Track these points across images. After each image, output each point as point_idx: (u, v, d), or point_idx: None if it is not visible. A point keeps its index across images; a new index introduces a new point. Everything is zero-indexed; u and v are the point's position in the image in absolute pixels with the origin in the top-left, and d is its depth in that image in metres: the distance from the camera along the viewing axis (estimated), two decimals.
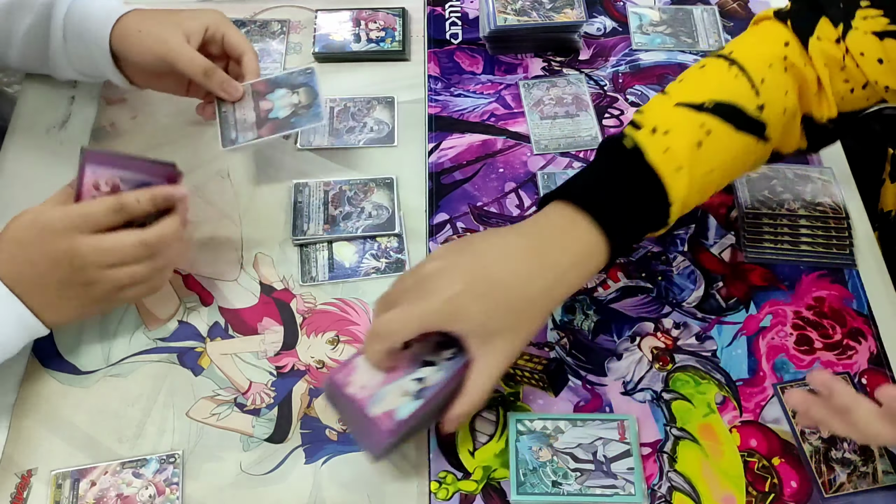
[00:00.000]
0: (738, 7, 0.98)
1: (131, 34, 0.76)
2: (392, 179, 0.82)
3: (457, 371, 0.61)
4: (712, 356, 0.72)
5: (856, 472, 0.65)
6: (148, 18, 0.77)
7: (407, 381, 0.61)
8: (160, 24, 0.76)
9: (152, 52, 0.75)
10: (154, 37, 0.75)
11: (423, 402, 0.60)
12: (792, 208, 0.78)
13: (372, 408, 0.59)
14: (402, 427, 0.59)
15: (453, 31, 0.96)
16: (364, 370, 0.61)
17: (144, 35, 0.76)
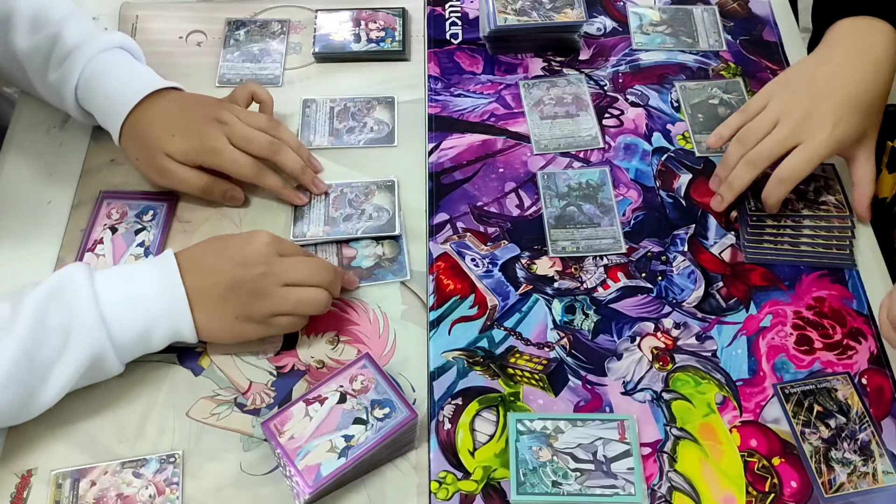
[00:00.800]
0: (738, 7, 0.98)
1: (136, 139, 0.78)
2: (393, 182, 0.82)
3: (388, 433, 0.63)
4: (712, 356, 0.72)
5: (856, 472, 0.65)
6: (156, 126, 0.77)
7: (336, 437, 0.63)
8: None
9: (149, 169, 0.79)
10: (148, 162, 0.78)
11: (347, 461, 0.62)
12: (795, 208, 0.78)
13: (298, 460, 0.62)
14: (322, 483, 0.61)
15: (453, 31, 0.96)
16: (297, 420, 0.64)
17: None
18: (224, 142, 0.76)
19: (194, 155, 0.76)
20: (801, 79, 0.78)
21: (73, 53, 0.78)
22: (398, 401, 0.65)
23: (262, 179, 0.78)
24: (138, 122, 0.77)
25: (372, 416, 0.64)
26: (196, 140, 0.76)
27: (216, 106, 0.79)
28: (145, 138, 0.77)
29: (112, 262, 0.76)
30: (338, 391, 0.65)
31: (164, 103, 0.78)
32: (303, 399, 0.65)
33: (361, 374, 0.66)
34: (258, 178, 0.78)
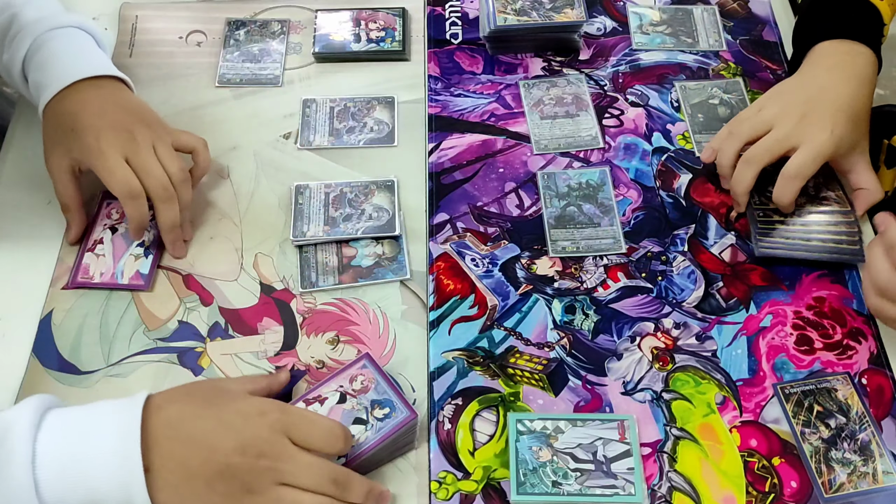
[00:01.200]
0: (738, 7, 0.98)
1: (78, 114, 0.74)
2: (393, 182, 0.82)
3: (388, 433, 0.63)
4: (712, 356, 0.72)
5: (856, 472, 0.65)
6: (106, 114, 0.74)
7: None
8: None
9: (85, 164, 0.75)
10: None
11: (346, 461, 0.62)
12: (799, 202, 0.78)
13: None
14: None
15: (453, 31, 0.96)
16: None
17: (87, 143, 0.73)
18: (115, 152, 0.72)
19: (81, 155, 0.73)
20: (791, 90, 0.79)
21: (24, 29, 0.77)
22: (398, 401, 0.65)
23: (130, 205, 0.73)
24: (55, 111, 0.75)
25: (372, 416, 0.64)
26: (92, 138, 0.72)
27: (142, 120, 0.75)
28: (54, 129, 0.75)
29: (112, 262, 0.76)
30: (338, 391, 0.65)
31: (89, 95, 0.75)
32: (303, 399, 0.65)
33: (361, 374, 0.66)
34: (127, 201, 0.73)
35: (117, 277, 0.76)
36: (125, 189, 0.72)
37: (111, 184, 0.72)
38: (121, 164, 0.72)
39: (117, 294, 0.75)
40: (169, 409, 0.57)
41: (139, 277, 0.76)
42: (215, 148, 0.85)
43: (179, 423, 0.56)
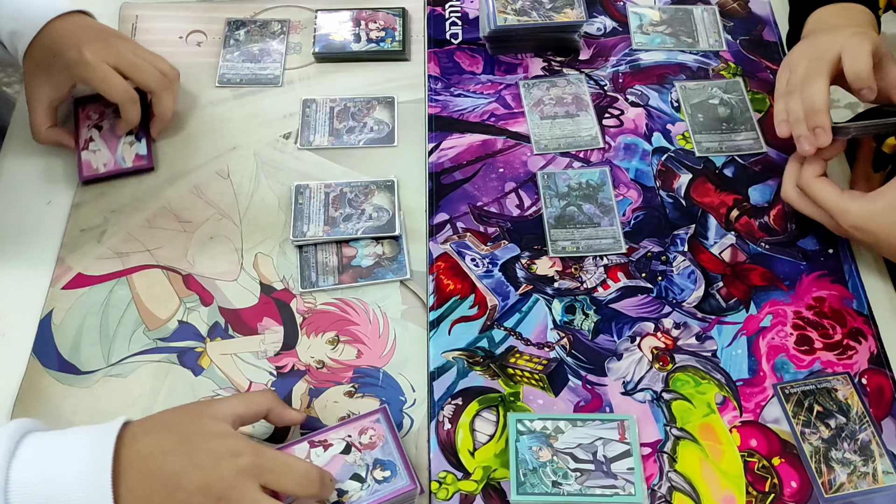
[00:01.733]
0: (738, 7, 0.98)
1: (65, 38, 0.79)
2: (393, 182, 0.82)
3: (382, 498, 0.61)
4: (712, 356, 0.72)
5: (856, 472, 0.65)
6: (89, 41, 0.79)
7: None
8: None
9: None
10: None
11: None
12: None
13: (287, 502, 0.60)
14: None
15: (453, 31, 0.96)
16: None
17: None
18: (101, 60, 0.77)
19: (66, 71, 0.78)
20: (806, 46, 0.78)
21: None
22: (402, 467, 0.63)
23: (129, 109, 0.79)
24: (33, 51, 0.79)
25: (371, 475, 0.63)
26: (74, 53, 0.77)
27: (116, 35, 0.81)
28: (35, 64, 0.79)
29: (109, 153, 0.82)
30: (344, 440, 0.64)
31: (61, 27, 0.79)
32: (308, 440, 0.64)
33: (373, 428, 0.65)
34: (127, 105, 0.79)
35: (120, 163, 0.82)
36: (124, 95, 0.78)
37: (109, 91, 0.78)
38: (112, 72, 0.77)
39: (117, 294, 0.75)
40: (143, 441, 0.56)
41: (141, 159, 0.82)
42: (215, 148, 0.85)
43: (150, 457, 0.56)
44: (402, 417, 0.69)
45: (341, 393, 0.70)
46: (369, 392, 0.70)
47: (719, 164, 0.84)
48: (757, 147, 0.85)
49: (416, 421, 0.69)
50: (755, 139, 0.85)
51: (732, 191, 0.82)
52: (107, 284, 0.76)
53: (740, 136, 0.86)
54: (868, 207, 0.71)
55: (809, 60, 0.75)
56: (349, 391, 0.70)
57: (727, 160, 0.84)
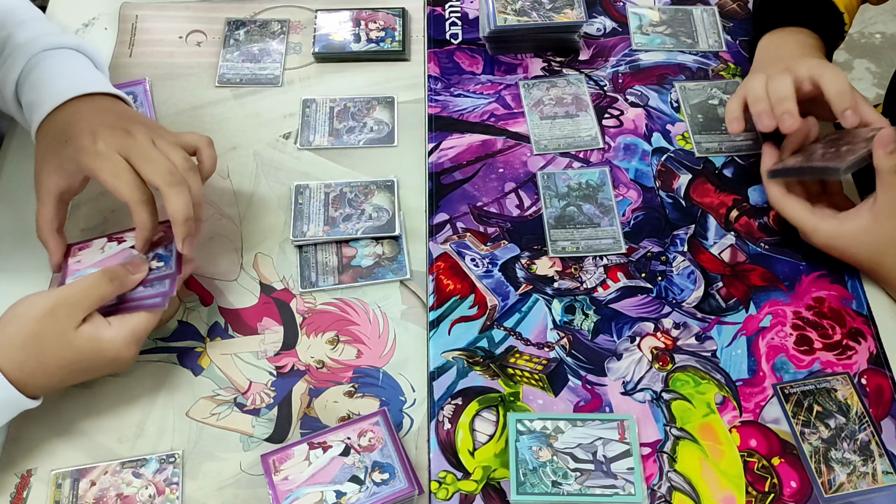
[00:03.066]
0: (737, 7, 0.98)
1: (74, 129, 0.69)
2: (393, 182, 0.82)
3: (380, 500, 0.62)
4: (712, 356, 0.72)
5: (856, 472, 0.65)
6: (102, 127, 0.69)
7: (329, 490, 0.62)
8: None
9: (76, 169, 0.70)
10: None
11: None
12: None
13: (284, 503, 0.61)
14: None
15: (453, 31, 0.96)
16: (296, 462, 0.63)
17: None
18: (114, 152, 0.67)
19: (76, 160, 0.67)
20: (764, 62, 0.82)
21: (17, 50, 0.75)
22: (400, 469, 0.63)
23: (138, 210, 0.67)
24: (48, 128, 0.71)
25: (370, 477, 0.63)
26: (87, 140, 0.67)
27: (139, 121, 0.71)
28: (48, 144, 0.70)
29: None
30: (343, 442, 0.65)
31: (82, 108, 0.71)
32: (307, 441, 0.65)
33: (372, 430, 0.65)
34: (135, 205, 0.67)
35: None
36: (135, 192, 0.66)
37: (116, 187, 0.66)
38: (124, 167, 0.66)
39: None
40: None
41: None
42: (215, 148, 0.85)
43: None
44: (402, 417, 0.69)
45: (341, 393, 0.70)
46: (369, 392, 0.70)
47: (719, 165, 0.84)
48: (757, 147, 0.85)
49: (416, 421, 0.69)
50: (755, 139, 0.85)
51: (732, 191, 0.82)
52: None
53: (740, 137, 0.85)
54: (839, 228, 0.72)
55: (769, 75, 0.75)
56: (349, 391, 0.70)
57: (727, 160, 0.84)
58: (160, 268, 0.69)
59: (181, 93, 0.89)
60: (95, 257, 0.71)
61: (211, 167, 0.73)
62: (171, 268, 0.69)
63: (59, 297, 0.64)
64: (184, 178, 0.67)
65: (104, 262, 0.71)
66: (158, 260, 0.70)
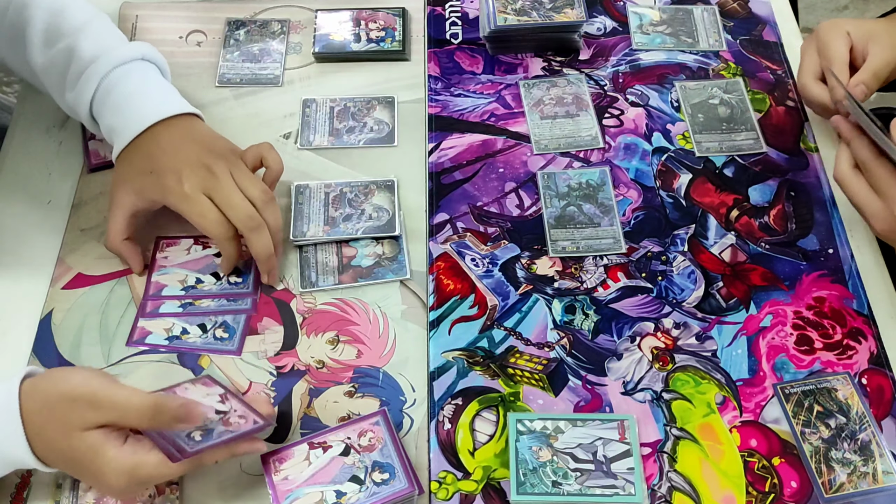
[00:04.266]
0: (738, 7, 0.98)
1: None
2: (393, 182, 0.82)
3: (380, 500, 0.61)
4: (712, 356, 0.72)
5: (856, 472, 0.65)
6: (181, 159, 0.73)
7: (328, 490, 0.62)
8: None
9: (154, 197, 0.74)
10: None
11: None
12: None
13: (284, 503, 0.61)
14: None
15: (453, 31, 0.96)
16: (296, 462, 0.63)
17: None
18: (199, 193, 0.72)
19: (161, 196, 0.73)
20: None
21: (88, 69, 0.75)
22: (400, 469, 0.63)
23: (226, 246, 0.73)
24: (130, 154, 0.74)
25: (370, 477, 0.63)
26: (172, 180, 0.72)
27: (215, 154, 0.74)
28: (129, 169, 0.74)
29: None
30: (343, 442, 0.65)
31: (164, 135, 0.74)
32: (307, 441, 0.65)
33: (372, 430, 0.65)
34: (222, 242, 0.73)
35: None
36: (220, 231, 0.72)
37: (205, 227, 0.72)
38: (209, 206, 0.71)
39: (117, 294, 0.75)
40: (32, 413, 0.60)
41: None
42: None
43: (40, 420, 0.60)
44: (402, 417, 0.69)
45: (341, 393, 0.70)
46: (369, 392, 0.70)
47: (719, 164, 0.84)
48: (757, 147, 0.85)
49: (416, 421, 0.69)
50: (755, 139, 0.85)
51: (732, 191, 0.82)
52: (107, 284, 0.76)
53: (740, 136, 0.86)
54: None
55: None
56: (349, 391, 0.70)
57: (727, 160, 0.84)
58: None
59: (181, 93, 0.89)
60: (181, 257, 0.77)
61: (279, 169, 0.78)
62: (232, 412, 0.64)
63: (89, 390, 0.59)
64: (261, 221, 0.72)
65: (187, 264, 0.76)
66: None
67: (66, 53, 0.76)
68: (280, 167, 0.78)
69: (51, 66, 0.77)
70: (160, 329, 0.73)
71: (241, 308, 0.74)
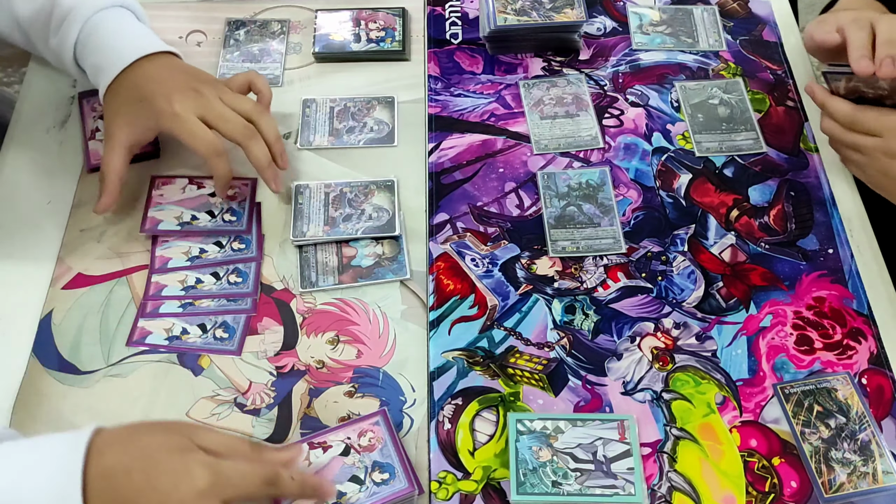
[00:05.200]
0: (738, 7, 0.98)
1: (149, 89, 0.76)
2: (393, 182, 0.82)
3: (380, 500, 0.61)
4: (712, 356, 0.72)
5: (856, 472, 0.65)
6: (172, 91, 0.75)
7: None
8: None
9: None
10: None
11: None
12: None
13: (285, 503, 0.61)
14: None
15: (453, 31, 0.96)
16: (296, 461, 0.62)
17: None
18: (190, 113, 0.74)
19: (153, 121, 0.75)
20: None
21: (70, 14, 0.78)
22: (400, 469, 0.63)
23: (215, 163, 0.75)
24: (117, 88, 0.77)
25: (370, 477, 0.63)
26: (163, 103, 0.74)
27: (202, 80, 0.78)
28: (118, 102, 0.76)
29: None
30: (343, 442, 0.65)
31: (149, 69, 0.77)
32: (307, 440, 0.65)
33: (372, 430, 0.65)
34: (212, 159, 0.75)
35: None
36: (210, 148, 0.74)
37: (195, 145, 0.74)
38: (200, 125, 0.74)
39: (117, 294, 0.75)
40: (107, 456, 0.54)
41: (147, 146, 0.81)
42: None
43: (112, 476, 0.53)
44: (402, 417, 0.69)
45: (341, 393, 0.70)
46: (369, 392, 0.70)
47: (719, 164, 0.84)
48: (757, 147, 0.85)
49: (416, 421, 0.69)
50: (755, 139, 0.85)
51: (732, 191, 0.82)
52: (107, 284, 0.76)
53: (740, 136, 0.86)
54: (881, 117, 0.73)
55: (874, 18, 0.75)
56: (349, 391, 0.70)
57: (727, 160, 0.84)
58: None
59: None
60: (176, 195, 0.80)
61: (269, 94, 0.81)
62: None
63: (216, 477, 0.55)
64: (255, 130, 0.76)
65: (183, 202, 0.79)
66: (237, 275, 0.75)
67: (50, 2, 0.79)
68: (270, 92, 0.81)
69: (35, 15, 0.80)
70: (160, 329, 0.73)
71: (241, 308, 0.74)
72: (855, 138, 0.76)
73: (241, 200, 0.80)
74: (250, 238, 0.78)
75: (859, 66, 0.72)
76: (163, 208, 0.79)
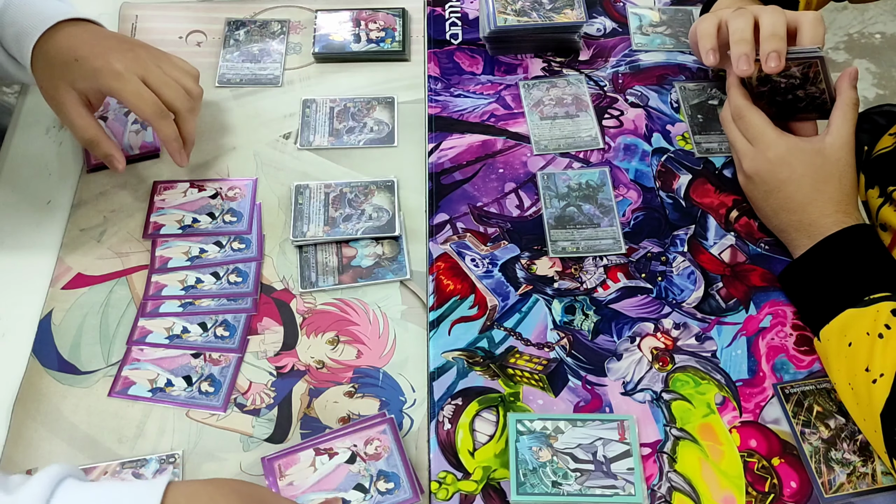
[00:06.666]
0: None
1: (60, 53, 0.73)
2: (393, 182, 0.82)
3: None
4: (712, 356, 0.72)
5: (855, 473, 0.65)
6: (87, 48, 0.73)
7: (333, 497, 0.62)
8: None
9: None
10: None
11: None
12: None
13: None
14: None
15: (453, 32, 0.96)
16: (302, 467, 0.63)
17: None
18: (131, 73, 0.72)
19: (93, 80, 0.72)
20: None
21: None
22: (405, 479, 0.64)
23: (160, 123, 0.73)
24: (47, 49, 0.73)
25: (375, 486, 0.63)
26: (101, 61, 0.71)
27: (137, 44, 0.76)
28: (51, 66, 0.73)
29: (117, 143, 0.78)
30: (350, 449, 0.65)
31: (77, 31, 0.74)
32: (313, 446, 0.65)
33: (378, 438, 0.65)
34: (157, 119, 0.73)
35: (127, 150, 0.84)
36: (157, 108, 0.73)
37: (139, 105, 0.72)
38: (143, 87, 0.72)
39: (117, 294, 0.75)
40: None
41: (147, 145, 0.84)
42: (215, 148, 0.85)
43: None
44: (402, 418, 0.69)
45: (341, 393, 0.70)
46: (369, 392, 0.70)
47: (719, 165, 0.84)
48: None
49: (416, 421, 0.69)
50: None
51: (732, 191, 0.82)
52: (107, 284, 0.76)
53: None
54: (799, 145, 0.73)
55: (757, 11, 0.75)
56: (349, 391, 0.70)
57: (727, 161, 0.84)
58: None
59: None
60: (178, 199, 0.81)
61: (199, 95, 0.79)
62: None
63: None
64: (194, 104, 0.76)
65: (184, 205, 0.80)
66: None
67: None
68: (201, 90, 0.79)
69: None
70: (160, 328, 0.73)
71: (241, 307, 0.74)
72: (734, 135, 0.77)
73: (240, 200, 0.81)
74: (250, 238, 0.78)
75: (737, 64, 0.75)
76: (164, 212, 0.80)
